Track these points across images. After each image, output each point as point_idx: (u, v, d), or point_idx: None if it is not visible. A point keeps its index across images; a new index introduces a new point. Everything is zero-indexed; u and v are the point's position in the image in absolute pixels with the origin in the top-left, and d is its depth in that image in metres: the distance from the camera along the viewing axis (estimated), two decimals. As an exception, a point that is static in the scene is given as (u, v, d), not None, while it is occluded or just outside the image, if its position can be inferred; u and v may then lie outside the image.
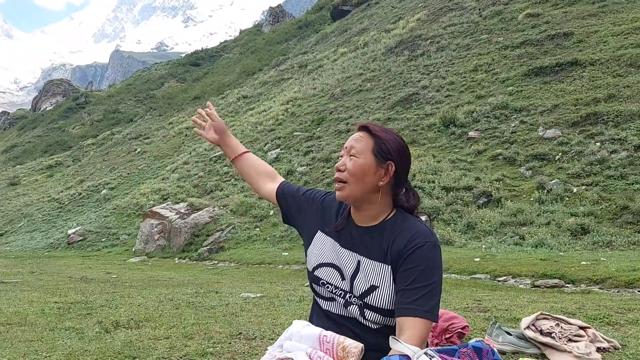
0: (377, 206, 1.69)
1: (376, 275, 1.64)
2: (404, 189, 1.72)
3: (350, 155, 1.68)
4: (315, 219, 1.87)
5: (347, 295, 1.69)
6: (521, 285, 7.06)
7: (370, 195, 1.68)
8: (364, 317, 1.66)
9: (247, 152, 2.12)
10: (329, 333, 1.59)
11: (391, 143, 1.67)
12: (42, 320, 4.46)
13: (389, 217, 1.70)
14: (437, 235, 9.46)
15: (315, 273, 1.77)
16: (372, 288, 1.64)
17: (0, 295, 6.23)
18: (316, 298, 1.83)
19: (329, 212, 1.84)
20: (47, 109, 68.45)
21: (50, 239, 21.70)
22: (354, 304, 1.67)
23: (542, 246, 9.06)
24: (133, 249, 17.05)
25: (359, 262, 1.69)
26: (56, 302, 5.49)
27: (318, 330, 1.61)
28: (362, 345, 1.55)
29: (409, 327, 1.51)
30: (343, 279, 1.70)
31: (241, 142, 17.97)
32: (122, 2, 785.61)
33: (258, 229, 15.03)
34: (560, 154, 12.19)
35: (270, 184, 2.04)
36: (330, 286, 1.73)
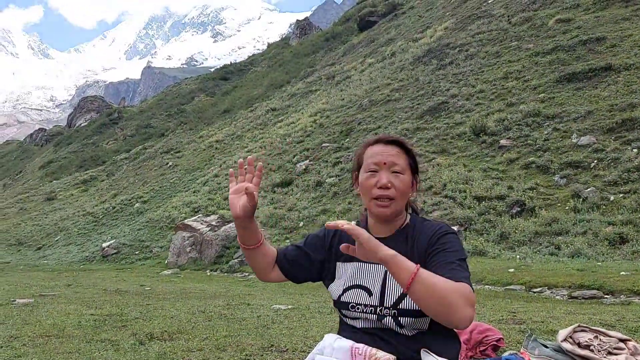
0: (401, 216, 1.75)
1: None
2: None
3: (394, 172, 1.68)
4: (329, 255, 1.83)
5: (379, 309, 1.67)
6: (557, 297, 6.88)
7: (403, 208, 1.75)
8: (400, 325, 1.65)
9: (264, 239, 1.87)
10: (361, 345, 1.58)
11: (416, 158, 1.76)
12: (79, 332, 4.56)
13: (406, 222, 1.75)
14: (469, 246, 9.26)
15: (342, 299, 1.73)
16: (403, 295, 1.63)
17: (39, 308, 6.40)
18: (346, 322, 1.79)
19: (347, 238, 1.75)
20: (82, 125, 70.46)
21: (85, 252, 22.21)
22: (387, 315, 1.65)
23: (578, 256, 8.83)
24: (165, 262, 17.30)
25: (386, 272, 1.68)
26: (92, 315, 5.61)
27: (350, 342, 1.60)
28: (395, 357, 1.53)
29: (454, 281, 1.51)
30: (370, 295, 1.68)
31: (270, 154, 18.17)
32: (153, 19, 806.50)
33: (288, 241, 15.07)
34: (595, 161, 11.89)
35: (275, 269, 1.87)
36: (360, 306, 1.70)
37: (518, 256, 9.48)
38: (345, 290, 1.73)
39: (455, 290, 1.44)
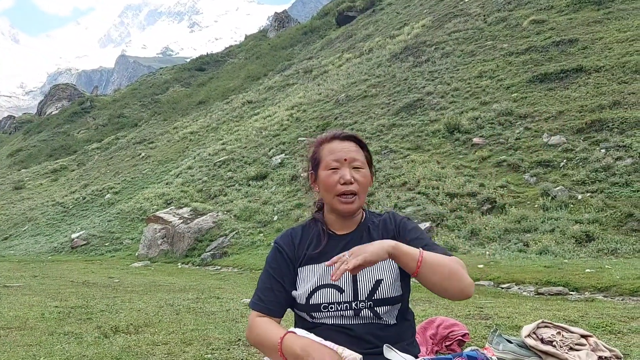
0: (361, 210, 1.79)
1: (378, 270, 1.66)
2: None
3: (355, 167, 1.70)
4: (289, 267, 1.75)
5: (354, 304, 1.65)
6: (525, 293, 7.01)
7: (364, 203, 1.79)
8: (378, 316, 1.65)
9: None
10: (328, 343, 1.55)
11: (369, 152, 1.81)
12: (41, 325, 4.45)
13: (365, 216, 1.80)
14: (440, 242, 9.36)
15: (312, 302, 1.67)
16: (378, 282, 1.65)
17: (2, 299, 6.23)
18: (315, 321, 1.71)
19: (303, 240, 1.77)
20: (53, 113, 68.76)
21: (54, 243, 21.74)
22: (364, 308, 1.65)
23: (546, 253, 9.00)
24: (136, 254, 17.05)
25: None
26: (57, 307, 5.49)
27: (317, 340, 1.55)
28: (361, 356, 1.50)
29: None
30: (342, 292, 1.66)
31: (245, 147, 17.99)
32: (128, 7, 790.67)
33: (262, 235, 15.01)
34: (565, 160, 12.13)
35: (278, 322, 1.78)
36: (333, 305, 1.66)
37: (488, 252, 9.62)
38: (312, 293, 1.68)
39: (454, 261, 1.56)
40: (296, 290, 1.72)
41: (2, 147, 63.52)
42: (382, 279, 1.65)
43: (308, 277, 1.71)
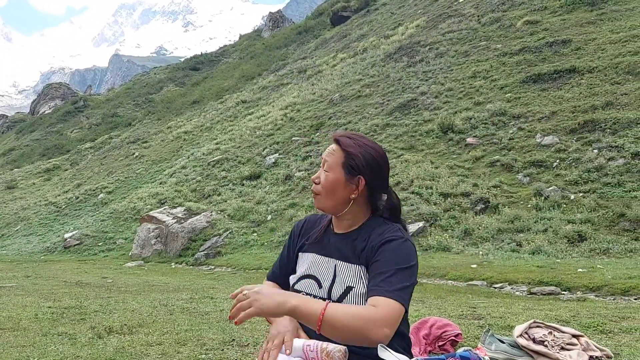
0: (353, 216, 1.74)
1: (351, 277, 1.67)
2: (386, 195, 1.76)
3: (325, 170, 1.72)
4: (293, 248, 1.90)
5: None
6: (517, 292, 7.05)
7: (344, 207, 1.72)
8: None
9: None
10: (312, 342, 1.59)
11: (361, 158, 1.68)
12: (35, 326, 4.43)
13: (365, 222, 1.75)
14: (434, 242, 9.34)
15: (296, 287, 1.78)
16: (348, 289, 1.66)
17: (-6, 300, 6.20)
18: None
19: (313, 228, 1.87)
20: (46, 112, 68.41)
21: (46, 242, 21.63)
22: None
23: (539, 253, 9.06)
24: (130, 254, 17.00)
25: (335, 266, 1.72)
26: (50, 307, 5.47)
27: (302, 341, 1.61)
28: (345, 347, 1.55)
29: (374, 303, 1.52)
30: (320, 287, 1.72)
31: (239, 147, 17.97)
32: (122, 6, 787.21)
33: (255, 234, 15.01)
34: (557, 160, 12.20)
35: None
36: (310, 297, 1.72)
37: (481, 252, 9.67)
38: (299, 279, 1.77)
39: (363, 318, 1.47)
40: (294, 273, 1.83)
41: (-5, 146, 63.09)
42: (353, 287, 1.66)
43: (302, 264, 1.82)
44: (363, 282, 1.66)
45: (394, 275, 1.56)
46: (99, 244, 19.22)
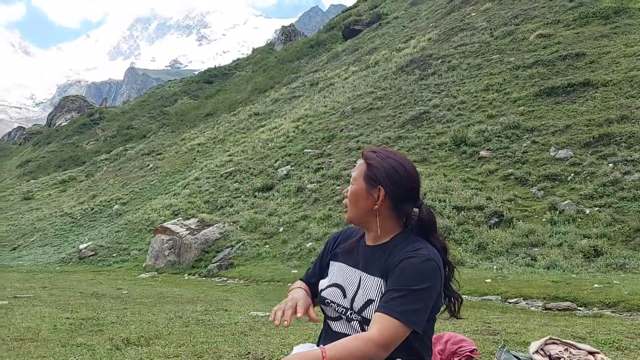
0: (379, 227, 1.78)
1: (373, 290, 1.72)
2: (417, 209, 1.79)
3: (351, 182, 1.83)
4: (326, 256, 2.02)
5: (349, 312, 1.76)
6: (532, 308, 7.00)
7: (369, 218, 1.79)
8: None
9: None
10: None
11: (380, 169, 1.75)
12: (54, 336, 4.50)
13: (394, 236, 1.78)
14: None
15: (322, 294, 1.85)
16: (369, 302, 1.71)
17: (14, 310, 6.29)
18: (326, 319, 1.90)
19: (348, 239, 1.97)
20: (62, 124, 69.41)
21: (62, 253, 21.85)
22: (355, 320, 1.75)
23: (554, 268, 8.98)
24: (143, 265, 17.11)
25: (360, 278, 1.78)
26: (68, 318, 5.54)
27: (308, 345, 1.66)
28: None
29: (375, 321, 1.59)
30: (345, 296, 1.78)
31: (251, 159, 18.09)
32: (138, 20, 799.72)
33: (267, 246, 15.04)
34: (572, 174, 12.13)
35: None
36: (333, 304, 1.81)
37: (495, 266, 9.61)
38: (327, 287, 1.85)
39: (361, 348, 1.54)
40: (324, 278, 1.92)
41: (12, 157, 64.07)
42: (373, 300, 1.70)
43: (332, 272, 1.90)
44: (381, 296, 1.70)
45: (405, 295, 1.60)
46: (114, 255, 19.37)
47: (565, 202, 11.10)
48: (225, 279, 13.65)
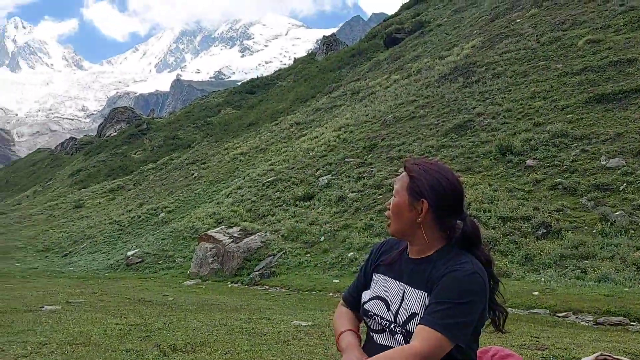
0: (424, 240, 1.78)
1: (417, 303, 1.73)
2: (461, 221, 1.77)
3: (393, 194, 1.83)
4: (369, 268, 2.01)
5: (392, 325, 1.76)
6: (582, 322, 6.76)
7: (412, 231, 1.79)
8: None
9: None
10: None
11: (424, 181, 1.75)
12: (104, 341, 4.66)
13: (438, 249, 1.77)
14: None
15: (365, 307, 1.86)
16: (413, 315, 1.71)
17: (66, 315, 6.55)
18: (369, 332, 1.90)
19: (391, 251, 1.96)
20: (112, 135, 72.00)
21: (110, 260, 22.56)
22: (398, 333, 1.75)
23: (605, 281, 8.65)
24: (188, 272, 17.46)
25: (404, 291, 1.78)
26: (117, 324, 5.72)
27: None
28: None
29: (418, 333, 1.60)
30: (388, 309, 1.79)
31: (293, 168, 18.28)
32: (184, 33, 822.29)
33: (309, 255, 15.09)
34: (624, 184, 11.67)
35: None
36: (377, 317, 1.81)
37: (543, 279, 9.33)
38: (370, 299, 1.86)
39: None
40: (367, 290, 1.92)
41: (64, 167, 66.83)
42: (417, 314, 1.70)
43: (375, 284, 1.90)
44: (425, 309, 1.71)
45: (449, 308, 1.60)
46: (159, 262, 19.85)
47: (617, 212, 10.69)
48: (267, 287, 13.77)
